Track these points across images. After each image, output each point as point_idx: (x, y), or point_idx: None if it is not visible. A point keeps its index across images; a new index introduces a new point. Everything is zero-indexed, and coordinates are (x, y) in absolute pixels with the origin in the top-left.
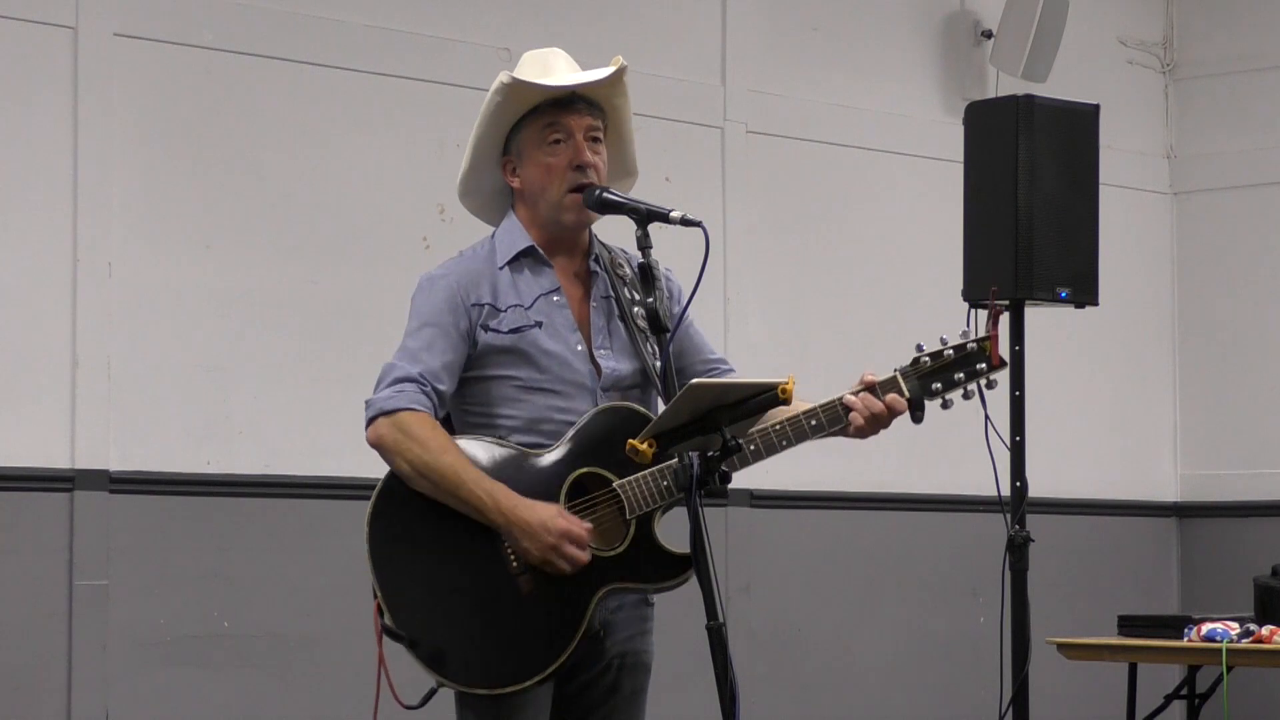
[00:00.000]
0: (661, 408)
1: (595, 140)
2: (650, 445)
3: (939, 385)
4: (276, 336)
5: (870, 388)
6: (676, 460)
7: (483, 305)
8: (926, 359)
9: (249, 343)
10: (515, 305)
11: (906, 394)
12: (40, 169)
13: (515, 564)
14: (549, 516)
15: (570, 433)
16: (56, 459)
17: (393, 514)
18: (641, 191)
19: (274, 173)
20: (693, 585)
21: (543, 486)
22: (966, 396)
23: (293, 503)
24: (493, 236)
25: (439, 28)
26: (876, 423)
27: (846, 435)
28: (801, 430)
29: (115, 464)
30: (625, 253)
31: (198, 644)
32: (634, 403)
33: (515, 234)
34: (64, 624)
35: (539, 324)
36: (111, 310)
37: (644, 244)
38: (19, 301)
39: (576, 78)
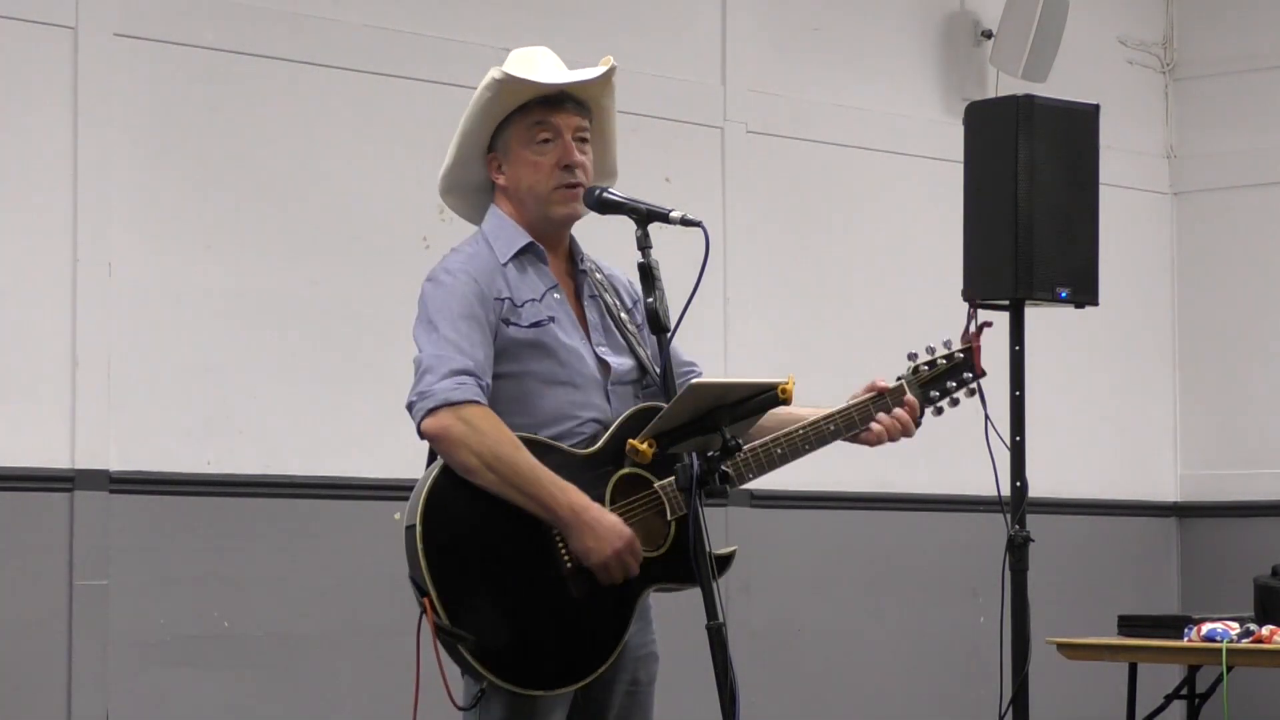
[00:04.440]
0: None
1: (583, 140)
2: (650, 445)
3: (936, 393)
4: (276, 336)
5: (880, 394)
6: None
7: (503, 299)
8: (925, 367)
9: (249, 343)
10: (530, 300)
11: (918, 402)
12: (40, 169)
13: (570, 565)
14: (619, 521)
15: (608, 433)
16: (56, 459)
17: (444, 513)
18: (641, 191)
19: (274, 173)
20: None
21: (585, 486)
22: (953, 404)
23: (293, 503)
24: (483, 233)
25: (439, 28)
26: (894, 435)
27: (856, 441)
28: (822, 435)
29: (115, 464)
30: (594, 261)
31: (198, 644)
32: (638, 399)
33: (510, 230)
34: (64, 624)
35: (552, 318)
36: (111, 310)
37: (644, 244)
38: (19, 301)
39: (568, 76)
